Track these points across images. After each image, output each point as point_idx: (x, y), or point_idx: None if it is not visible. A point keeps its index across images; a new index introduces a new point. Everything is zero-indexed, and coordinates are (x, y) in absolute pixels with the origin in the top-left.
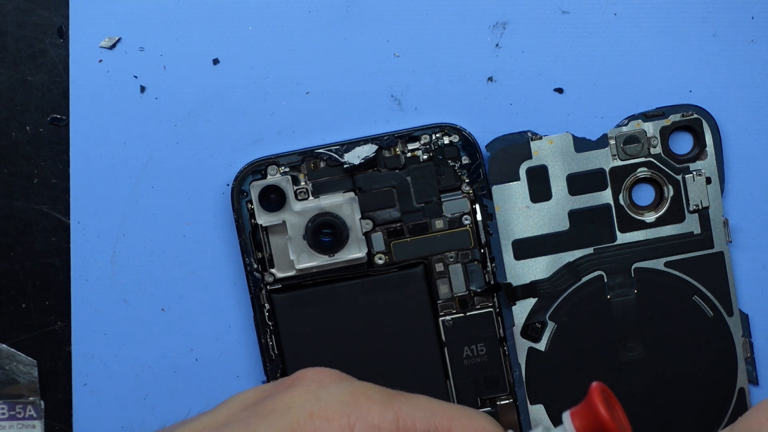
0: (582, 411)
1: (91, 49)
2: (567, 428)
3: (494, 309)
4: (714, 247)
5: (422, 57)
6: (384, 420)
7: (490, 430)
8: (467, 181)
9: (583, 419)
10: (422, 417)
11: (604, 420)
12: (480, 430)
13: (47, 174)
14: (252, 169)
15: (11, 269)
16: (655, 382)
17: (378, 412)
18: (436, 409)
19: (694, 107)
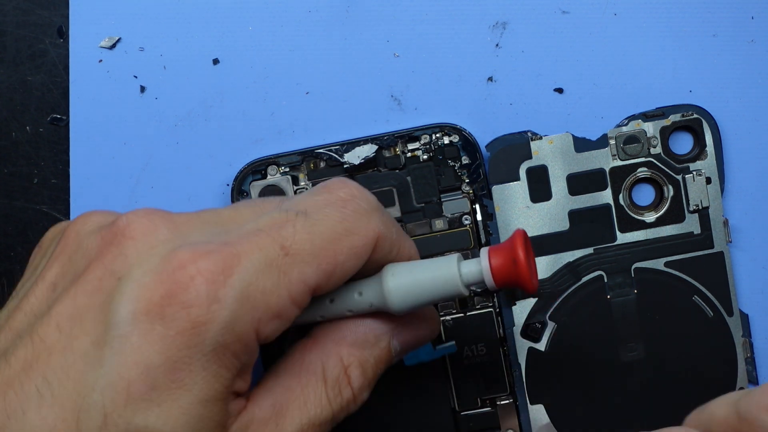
0: (501, 250)
1: (91, 49)
2: (483, 264)
3: (494, 309)
4: (714, 247)
5: (422, 57)
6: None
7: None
8: (467, 181)
9: (500, 258)
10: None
11: (519, 260)
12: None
13: (47, 174)
14: (252, 169)
15: (11, 269)
16: (655, 382)
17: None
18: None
19: (694, 107)
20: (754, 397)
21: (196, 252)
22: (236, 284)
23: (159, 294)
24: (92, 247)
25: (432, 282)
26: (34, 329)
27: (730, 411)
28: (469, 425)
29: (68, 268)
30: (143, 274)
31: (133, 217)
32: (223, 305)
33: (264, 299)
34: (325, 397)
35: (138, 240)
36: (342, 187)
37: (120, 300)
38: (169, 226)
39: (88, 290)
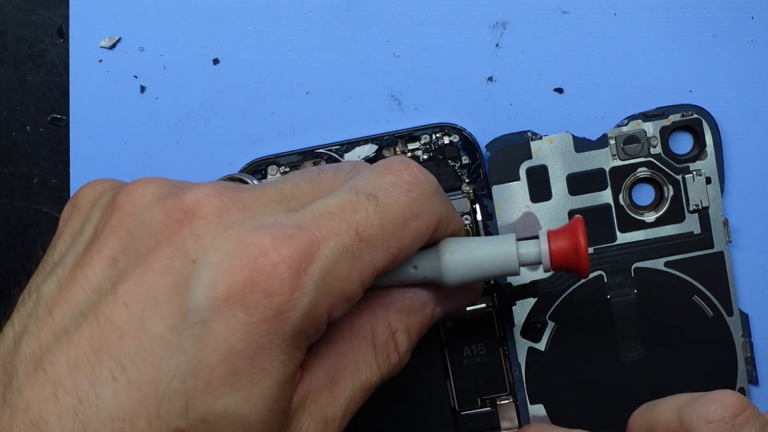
0: (562, 236)
1: (91, 49)
2: (542, 246)
3: (494, 309)
4: (714, 247)
5: (422, 57)
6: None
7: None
8: (467, 181)
9: (561, 243)
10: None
11: (581, 248)
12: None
13: (47, 174)
14: (252, 169)
15: (11, 269)
16: (655, 382)
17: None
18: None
19: (694, 107)
20: (696, 408)
21: (275, 238)
22: (316, 271)
23: (240, 281)
24: (156, 222)
25: (489, 260)
26: (98, 307)
27: (673, 417)
28: (469, 425)
29: (128, 242)
30: (221, 258)
31: (202, 195)
32: (305, 292)
33: (339, 285)
34: (374, 361)
35: (211, 221)
36: (405, 168)
37: (198, 284)
38: (239, 206)
39: (158, 270)
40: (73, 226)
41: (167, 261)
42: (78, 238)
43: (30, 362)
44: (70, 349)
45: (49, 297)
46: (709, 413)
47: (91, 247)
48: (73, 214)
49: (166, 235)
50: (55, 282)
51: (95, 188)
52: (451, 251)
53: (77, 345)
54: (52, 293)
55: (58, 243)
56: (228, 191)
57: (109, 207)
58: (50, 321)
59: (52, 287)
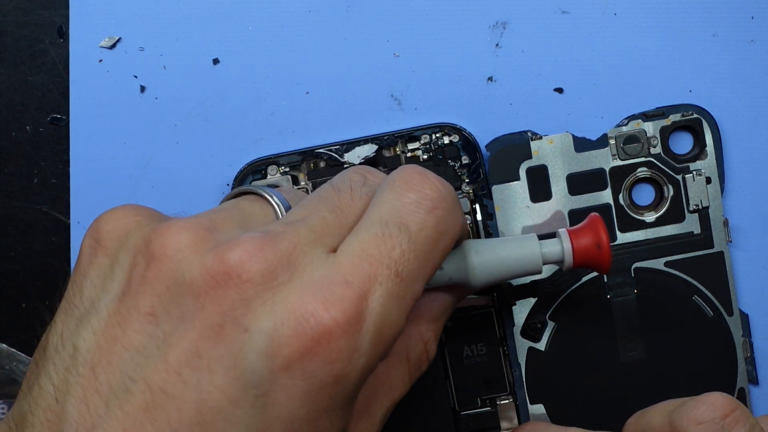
0: (583, 233)
1: (91, 49)
2: (564, 245)
3: (494, 309)
4: (714, 247)
5: (422, 57)
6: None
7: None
8: (467, 180)
9: (583, 241)
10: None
11: (603, 244)
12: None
13: (47, 174)
14: (252, 169)
15: (11, 269)
16: (655, 382)
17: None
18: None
19: (694, 107)
20: (686, 410)
21: (326, 302)
22: (370, 329)
23: (297, 350)
24: (198, 283)
25: (514, 260)
26: (147, 373)
27: (664, 420)
28: (469, 425)
29: (169, 301)
30: (275, 327)
31: (245, 255)
32: (362, 353)
33: (390, 332)
34: (407, 375)
35: (258, 284)
36: (426, 181)
37: (255, 356)
38: (283, 262)
39: (208, 338)
40: (101, 268)
41: (217, 327)
42: (108, 284)
43: (81, 428)
44: (125, 418)
45: (88, 352)
46: (699, 415)
47: (128, 301)
48: (97, 251)
49: (211, 298)
50: (92, 335)
51: (119, 224)
52: (477, 253)
53: (132, 415)
54: (91, 348)
55: (85, 284)
56: (268, 245)
57: (141, 255)
58: (95, 382)
59: (90, 341)
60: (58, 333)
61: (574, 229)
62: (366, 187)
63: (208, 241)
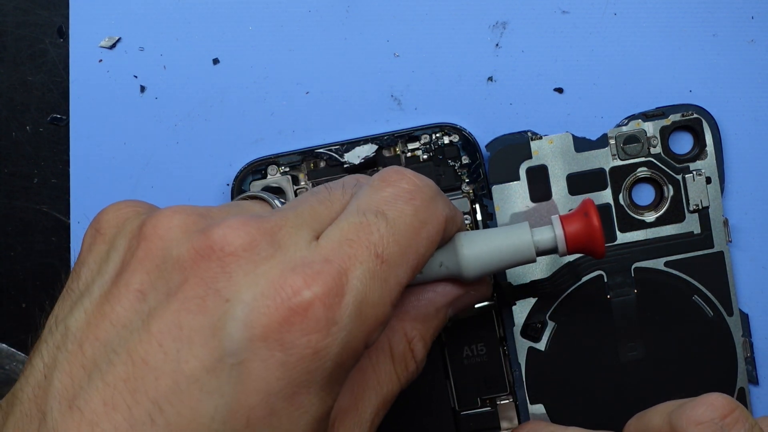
0: (574, 218)
1: (91, 49)
2: (556, 231)
3: (494, 309)
4: (714, 247)
5: (422, 57)
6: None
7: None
8: (467, 180)
9: (575, 226)
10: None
11: (595, 228)
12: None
13: (47, 174)
14: (252, 168)
15: (11, 269)
16: (654, 382)
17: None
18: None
19: (694, 107)
20: (686, 411)
21: (306, 276)
22: (350, 303)
23: (276, 320)
24: (184, 258)
25: (506, 249)
26: (130, 346)
27: (664, 422)
28: (469, 425)
29: (157, 277)
30: (255, 298)
31: (229, 230)
32: (341, 327)
33: (373, 312)
34: (394, 373)
35: (240, 257)
36: (402, 177)
37: (234, 325)
38: (267, 238)
39: (191, 309)
40: (98, 253)
41: (199, 299)
42: (103, 267)
43: (64, 400)
44: (105, 389)
45: (78, 330)
46: (698, 415)
47: (119, 280)
48: (96, 239)
49: (195, 271)
50: (83, 314)
51: (118, 213)
52: (467, 244)
53: (112, 385)
54: (81, 326)
55: (82, 270)
56: (253, 222)
57: (135, 238)
58: (81, 356)
59: (80, 320)
60: (54, 316)
61: (566, 215)
62: (356, 187)
63: (198, 223)
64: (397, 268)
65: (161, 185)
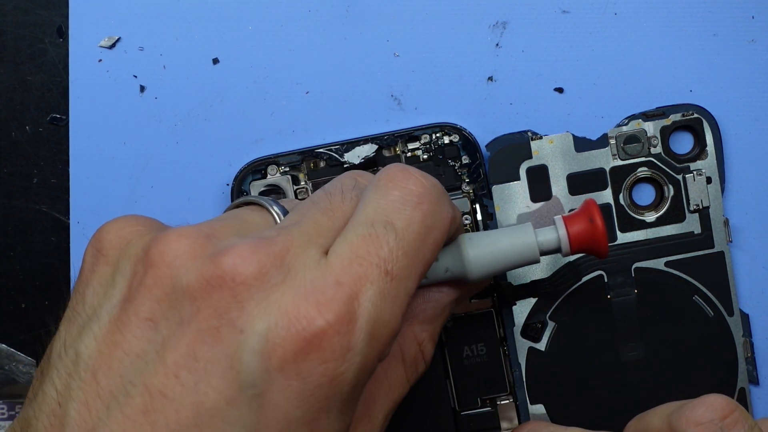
0: (577, 219)
1: (91, 49)
2: (560, 232)
3: (494, 309)
4: (714, 247)
5: (422, 57)
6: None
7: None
8: (467, 180)
9: (578, 226)
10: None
11: (598, 227)
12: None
13: (47, 174)
14: (252, 168)
15: (11, 269)
16: (655, 382)
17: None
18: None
19: (694, 107)
20: (685, 412)
21: (319, 303)
22: (363, 327)
23: (292, 351)
24: (194, 287)
25: (511, 251)
26: (146, 377)
27: (664, 423)
28: (469, 425)
29: (167, 306)
30: (269, 328)
31: (239, 259)
32: (356, 352)
33: (385, 330)
34: (404, 376)
35: (251, 286)
36: (409, 177)
37: (251, 357)
38: (276, 263)
39: (205, 340)
40: (102, 276)
41: (213, 330)
42: (110, 291)
43: (82, 431)
44: (125, 421)
45: (89, 357)
46: (698, 416)
47: (128, 307)
48: (99, 260)
49: (207, 301)
50: (93, 341)
51: (120, 234)
52: (472, 247)
53: (132, 417)
54: (92, 353)
55: (87, 292)
56: (262, 248)
57: (141, 263)
58: (96, 386)
59: (91, 346)
60: (62, 340)
61: (569, 215)
62: (356, 189)
63: (205, 247)
64: (406, 280)
65: (161, 185)
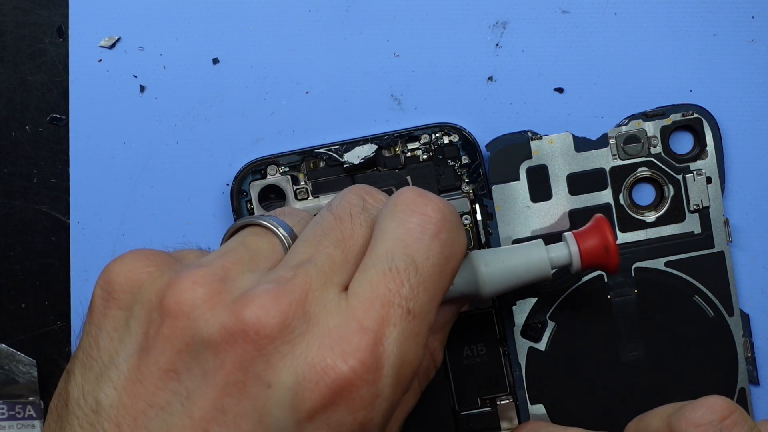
0: (589, 236)
1: (91, 49)
2: (572, 249)
3: (494, 309)
4: (714, 247)
5: (422, 57)
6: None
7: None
8: (467, 180)
9: (590, 243)
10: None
11: (610, 245)
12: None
13: (47, 174)
14: (252, 168)
15: (11, 269)
16: (655, 382)
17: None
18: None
19: (694, 107)
20: (685, 413)
21: (344, 353)
22: (390, 373)
23: (321, 403)
24: (216, 340)
25: (523, 268)
26: (172, 430)
27: (663, 424)
28: (469, 425)
29: (189, 358)
30: (297, 381)
31: (261, 312)
32: (384, 397)
33: (410, 369)
34: (418, 387)
35: (275, 338)
36: (427, 203)
37: (280, 411)
38: (299, 312)
39: (232, 394)
40: (116, 321)
41: (240, 384)
42: (125, 338)
43: None
44: None
45: (111, 407)
46: (698, 418)
47: (147, 357)
48: (110, 303)
49: (231, 354)
50: (113, 390)
51: (130, 276)
52: (485, 264)
53: None
54: (114, 404)
55: (101, 336)
56: (282, 296)
57: (156, 311)
58: None
59: (112, 396)
60: (79, 386)
61: (580, 232)
62: (366, 213)
63: (222, 293)
64: (427, 315)
65: (161, 185)
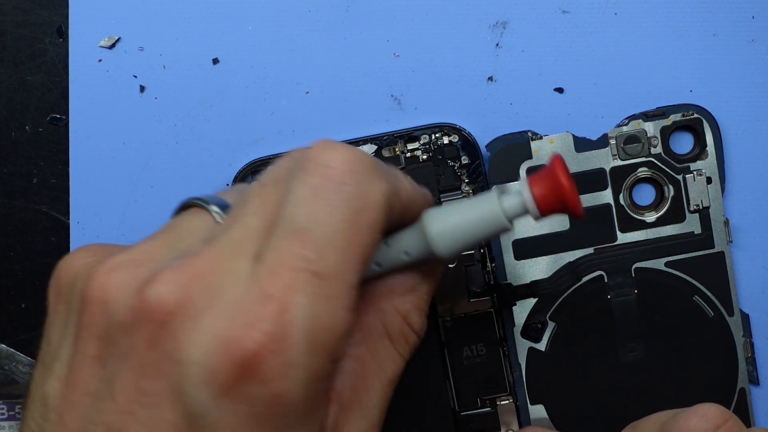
0: (542, 178)
1: (91, 49)
2: (525, 195)
3: (494, 309)
4: (714, 247)
5: (422, 57)
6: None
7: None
8: (467, 180)
9: (543, 186)
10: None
11: (564, 186)
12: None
13: (47, 174)
14: (252, 168)
15: (11, 269)
16: (655, 382)
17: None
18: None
19: (694, 107)
20: (679, 421)
21: (246, 325)
22: (299, 341)
23: (232, 376)
24: (127, 322)
25: (476, 221)
26: (105, 416)
27: (657, 431)
28: (469, 425)
29: (108, 342)
30: (204, 356)
31: (161, 287)
32: (297, 365)
33: (329, 333)
34: (395, 352)
35: (178, 314)
36: (333, 155)
37: (194, 388)
38: (201, 286)
39: (149, 375)
40: (60, 315)
41: (154, 364)
42: (66, 330)
43: None
44: None
45: (54, 399)
46: (692, 426)
47: (78, 346)
48: (58, 298)
49: (140, 335)
50: (56, 382)
51: (71, 269)
52: (434, 222)
53: None
54: (56, 395)
55: (51, 332)
56: (185, 269)
57: (80, 300)
58: (65, 428)
59: (55, 388)
60: (35, 382)
61: (533, 175)
62: (289, 174)
63: (136, 278)
64: (342, 275)
65: (161, 185)
